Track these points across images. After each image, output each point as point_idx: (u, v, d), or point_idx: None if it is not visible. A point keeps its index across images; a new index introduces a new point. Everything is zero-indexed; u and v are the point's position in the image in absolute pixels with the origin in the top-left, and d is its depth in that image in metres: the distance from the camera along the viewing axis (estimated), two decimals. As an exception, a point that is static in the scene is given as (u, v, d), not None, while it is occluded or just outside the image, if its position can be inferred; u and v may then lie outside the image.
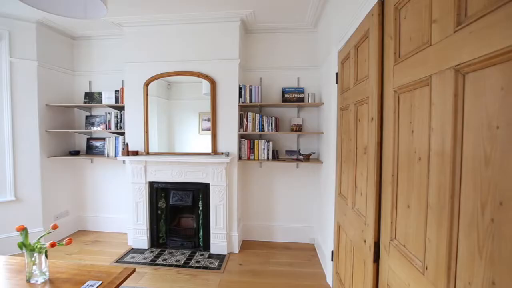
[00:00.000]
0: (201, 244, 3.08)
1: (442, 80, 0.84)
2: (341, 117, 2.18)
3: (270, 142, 3.07)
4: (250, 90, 3.04)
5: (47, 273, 1.76)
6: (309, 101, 3.02)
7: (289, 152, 3.21)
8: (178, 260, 2.82)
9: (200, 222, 3.07)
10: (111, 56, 3.52)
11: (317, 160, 3.11)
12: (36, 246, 1.69)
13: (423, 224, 0.94)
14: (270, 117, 3.06)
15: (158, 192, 3.12)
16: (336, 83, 2.30)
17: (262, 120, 3.05)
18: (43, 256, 1.73)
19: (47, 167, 3.25)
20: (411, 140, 1.05)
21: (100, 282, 1.72)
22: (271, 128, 3.05)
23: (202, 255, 2.94)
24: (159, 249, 3.07)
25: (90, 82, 3.60)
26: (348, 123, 1.95)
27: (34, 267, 1.72)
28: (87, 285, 1.68)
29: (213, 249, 2.98)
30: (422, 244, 0.95)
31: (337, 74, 2.29)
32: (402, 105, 1.13)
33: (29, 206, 3.10)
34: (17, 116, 3.01)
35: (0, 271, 1.86)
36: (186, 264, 2.75)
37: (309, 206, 3.30)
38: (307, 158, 3.10)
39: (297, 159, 3.12)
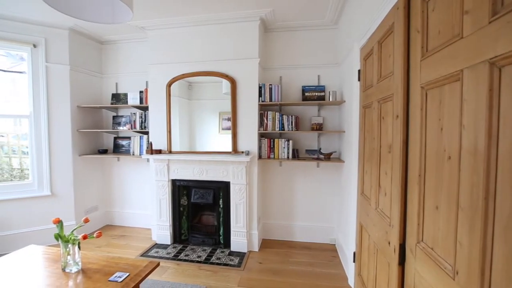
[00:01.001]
0: (222, 242, 3.13)
1: (475, 74, 0.79)
2: (363, 115, 2.12)
3: (290, 141, 3.06)
4: (270, 89, 3.04)
5: (80, 263, 1.87)
6: (330, 99, 2.96)
7: (309, 151, 3.18)
8: (199, 256, 2.89)
9: (221, 220, 3.12)
10: (135, 59, 3.67)
11: (338, 159, 3.04)
12: (70, 238, 1.80)
13: (453, 226, 0.90)
14: (290, 116, 3.04)
15: (180, 190, 3.21)
16: (359, 80, 2.24)
17: (282, 119, 3.04)
18: (76, 247, 1.84)
19: (78, 165, 3.45)
20: (440, 138, 1.00)
21: (127, 274, 1.80)
22: (291, 127, 3.03)
23: (222, 252, 2.99)
24: (181, 245, 3.16)
25: (116, 84, 3.78)
26: (371, 121, 1.89)
27: (69, 257, 1.83)
28: (116, 276, 1.76)
29: (234, 247, 3.02)
30: (452, 248, 0.90)
31: (359, 71, 2.23)
32: (430, 102, 1.08)
33: (63, 200, 3.31)
34: (52, 117, 3.23)
35: (38, 260, 2.01)
36: (207, 261, 2.81)
37: (330, 206, 3.25)
38: (327, 157, 3.05)
39: (318, 158, 3.08)
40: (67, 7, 1.67)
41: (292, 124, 3.03)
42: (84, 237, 1.83)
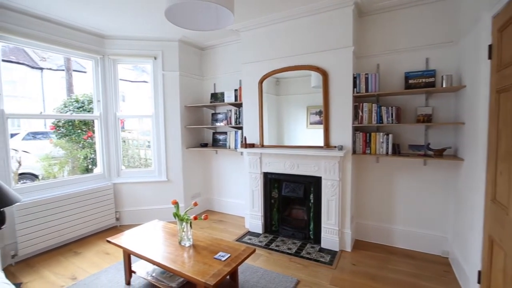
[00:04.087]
0: (312, 237, 3.10)
1: None
2: (497, 101, 1.70)
3: (390, 135, 2.73)
4: (366, 79, 2.78)
5: (191, 240, 2.19)
6: (443, 85, 2.49)
7: (413, 147, 2.77)
8: (289, 249, 2.95)
9: (311, 215, 3.09)
10: (230, 60, 4.00)
11: (454, 156, 2.54)
12: (185, 217, 2.12)
13: None
14: (389, 107, 2.71)
15: (272, 183, 3.34)
16: (489, 58, 1.80)
17: (380, 110, 2.75)
18: (189, 226, 2.16)
19: (185, 156, 4.04)
20: None
21: (229, 255, 1.99)
22: (391, 120, 2.70)
23: (312, 247, 2.96)
24: (272, 236, 3.29)
25: (214, 85, 4.21)
26: (509, 109, 1.49)
27: (183, 233, 2.17)
28: (219, 255, 1.98)
29: (324, 244, 2.95)
30: None
31: (490, 46, 1.79)
32: None
33: (175, 186, 3.95)
34: (167, 116, 3.87)
35: (161, 232, 2.45)
36: (297, 254, 2.83)
37: (441, 212, 2.75)
38: (439, 154, 2.58)
39: (425, 155, 2.65)
40: (182, 21, 1.95)
41: (392, 116, 2.71)
42: (195, 218, 2.13)
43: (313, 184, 3.02)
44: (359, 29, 3.01)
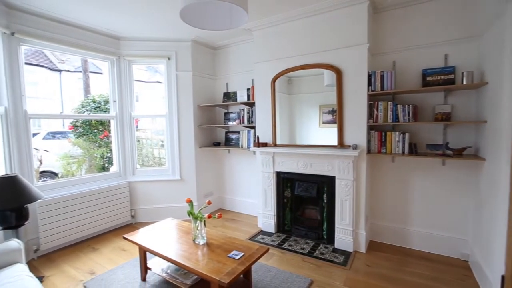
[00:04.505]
0: (325, 237, 3.06)
1: None
2: (523, 98, 1.62)
3: (407, 134, 2.66)
4: (381, 77, 2.72)
5: (205, 238, 2.21)
6: (464, 82, 2.40)
7: (431, 146, 2.69)
8: (302, 248, 2.93)
9: (324, 215, 3.05)
10: (243, 59, 4.00)
11: (475, 156, 2.44)
12: (199, 216, 2.14)
13: None
14: (406, 105, 2.64)
15: (284, 182, 3.32)
16: (515, 53, 1.72)
17: (396, 109, 2.68)
18: (203, 224, 2.18)
19: (198, 155, 4.08)
20: None
21: (243, 253, 2.00)
22: (408, 118, 2.63)
23: (326, 248, 2.93)
24: (285, 235, 3.28)
25: (227, 84, 4.23)
26: (538, 106, 1.42)
27: (197, 231, 2.19)
28: (233, 254, 1.99)
29: (338, 244, 2.91)
30: None
31: (516, 41, 1.71)
32: None
33: (188, 184, 4.00)
34: (181, 116, 3.92)
35: (175, 230, 2.48)
36: (310, 254, 2.81)
37: (460, 213, 2.66)
38: (458, 153, 2.50)
39: (444, 154, 2.56)
40: (196, 21, 1.96)
41: (408, 115, 2.63)
42: (209, 216, 2.15)
43: (326, 183, 2.98)
44: (374, 26, 2.95)
